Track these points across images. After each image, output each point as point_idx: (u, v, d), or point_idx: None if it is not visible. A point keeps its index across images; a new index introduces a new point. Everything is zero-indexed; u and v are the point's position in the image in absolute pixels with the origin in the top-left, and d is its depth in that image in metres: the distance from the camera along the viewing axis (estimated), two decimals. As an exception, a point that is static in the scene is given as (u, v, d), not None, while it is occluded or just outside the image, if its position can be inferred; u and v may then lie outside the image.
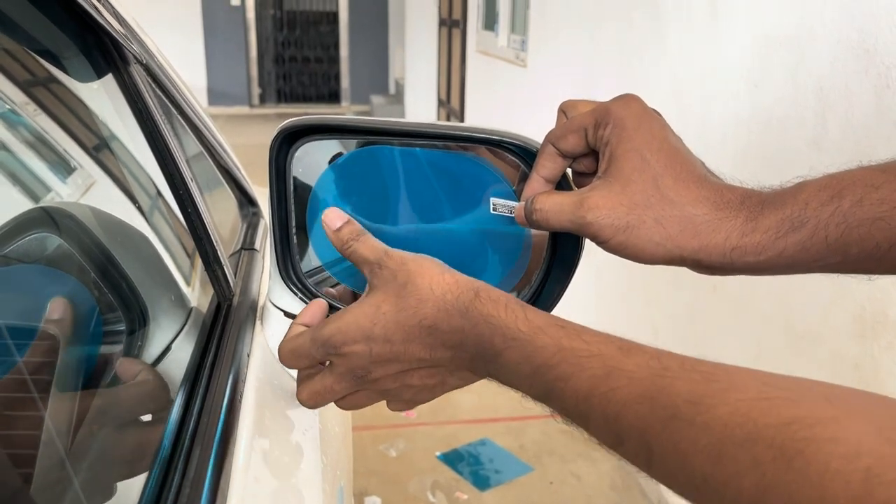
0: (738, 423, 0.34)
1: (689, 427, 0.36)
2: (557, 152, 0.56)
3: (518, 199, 0.58)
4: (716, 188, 0.53)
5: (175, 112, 0.99)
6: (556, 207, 0.54)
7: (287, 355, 0.56)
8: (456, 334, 0.48)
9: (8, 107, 0.77)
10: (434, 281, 0.50)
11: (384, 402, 0.56)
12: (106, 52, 0.71)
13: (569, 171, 0.58)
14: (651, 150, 0.53)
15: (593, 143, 0.55)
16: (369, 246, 0.55)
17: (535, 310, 0.47)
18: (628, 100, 0.55)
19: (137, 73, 0.74)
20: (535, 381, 0.45)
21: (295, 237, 0.64)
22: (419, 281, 0.50)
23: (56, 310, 0.60)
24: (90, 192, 0.84)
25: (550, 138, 0.57)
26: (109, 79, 0.74)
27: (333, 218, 0.57)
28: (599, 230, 0.53)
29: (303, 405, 0.56)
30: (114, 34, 0.68)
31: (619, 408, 0.40)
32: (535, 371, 0.44)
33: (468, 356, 0.48)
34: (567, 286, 0.61)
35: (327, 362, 0.54)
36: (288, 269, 0.65)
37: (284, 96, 9.78)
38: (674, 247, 0.52)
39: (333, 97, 9.80)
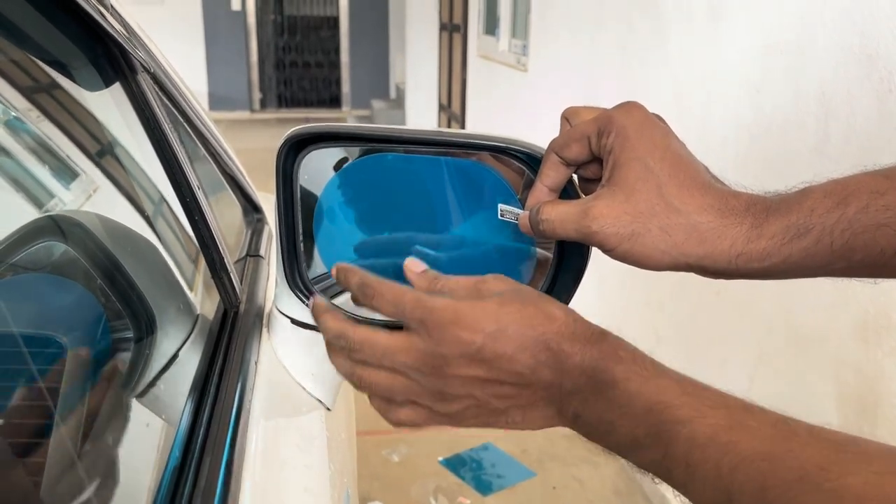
0: (870, 495, 0.33)
1: (816, 492, 0.35)
2: (561, 161, 0.56)
3: (522, 207, 0.59)
4: (720, 195, 0.53)
5: (181, 119, 0.99)
6: (562, 217, 0.54)
7: (376, 284, 0.52)
8: (571, 358, 0.47)
9: (14, 114, 0.77)
10: (558, 306, 0.49)
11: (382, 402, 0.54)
12: (114, 60, 0.72)
13: (574, 176, 0.58)
14: (654, 159, 0.53)
15: (597, 151, 0.55)
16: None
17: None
18: (630, 107, 0.55)
19: (144, 81, 0.75)
20: (646, 421, 0.43)
21: (301, 244, 0.65)
22: (545, 302, 0.49)
23: None
24: (97, 200, 0.85)
25: (554, 147, 0.57)
26: (117, 87, 0.74)
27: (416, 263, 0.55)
28: (605, 239, 0.53)
29: (337, 369, 0.54)
30: (122, 43, 0.69)
31: (738, 461, 0.39)
32: (651, 409, 0.43)
33: (570, 386, 0.47)
34: (573, 294, 0.62)
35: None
36: (294, 276, 0.66)
37: (285, 101, 9.78)
38: (679, 254, 0.52)
39: (334, 102, 9.80)
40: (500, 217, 0.59)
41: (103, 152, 0.88)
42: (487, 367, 0.48)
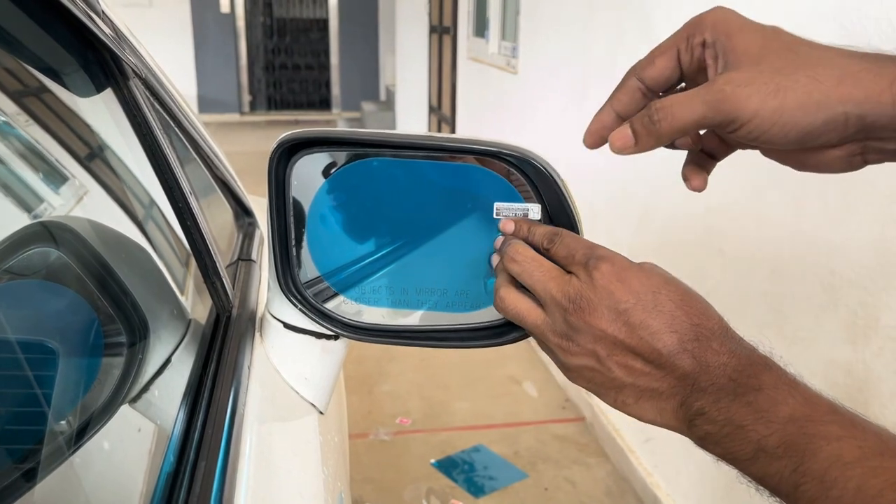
0: None
1: None
2: (640, 86, 0.51)
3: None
4: (854, 49, 0.46)
5: (172, 123, 0.99)
6: (681, 99, 0.47)
7: (567, 236, 0.51)
8: (719, 356, 0.45)
9: (2, 119, 0.77)
10: (715, 310, 0.48)
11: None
12: (105, 66, 0.72)
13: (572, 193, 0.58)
14: (770, 30, 0.48)
15: (688, 59, 0.50)
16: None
17: None
18: (717, 7, 0.50)
19: (136, 86, 0.75)
20: (785, 430, 0.42)
21: (294, 248, 0.65)
22: (705, 301, 0.48)
23: None
24: (87, 204, 0.84)
25: (635, 69, 0.52)
26: (108, 92, 0.74)
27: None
28: (746, 100, 0.45)
29: (499, 298, 0.54)
30: (113, 49, 0.69)
31: (885, 487, 0.38)
32: (794, 419, 0.42)
33: (706, 382, 0.45)
34: None
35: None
36: (287, 280, 0.66)
37: (275, 103, 9.77)
38: (836, 101, 0.44)
39: (324, 104, 9.79)
40: (495, 216, 0.60)
41: (94, 157, 0.88)
42: (628, 331, 0.46)
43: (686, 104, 0.47)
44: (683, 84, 0.53)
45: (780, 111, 0.45)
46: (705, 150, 0.56)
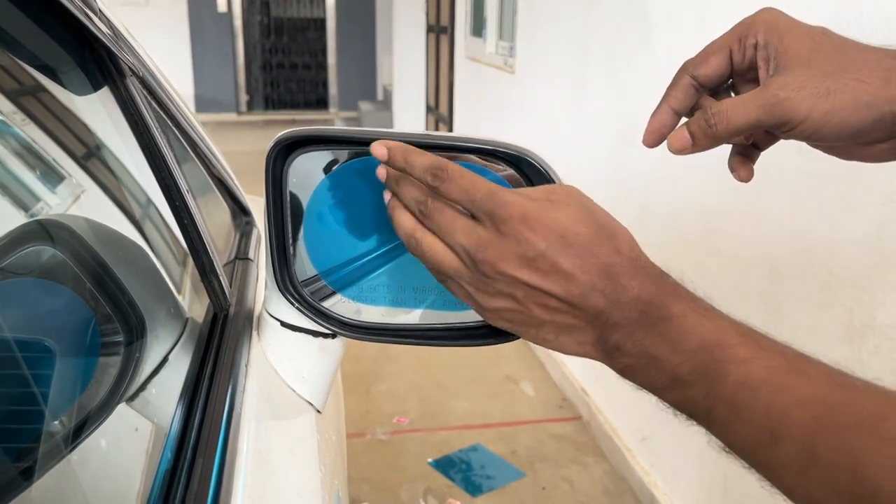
0: None
1: (871, 438, 0.36)
2: (693, 82, 0.54)
3: None
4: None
5: (169, 122, 0.99)
6: (735, 103, 0.50)
7: (451, 168, 0.49)
8: (629, 291, 0.45)
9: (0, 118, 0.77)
10: (625, 237, 0.47)
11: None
12: (102, 64, 0.72)
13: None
14: (817, 33, 0.50)
15: (739, 59, 0.52)
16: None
17: None
18: (764, 9, 0.53)
19: (133, 84, 0.75)
20: (694, 357, 0.43)
21: (291, 247, 0.65)
22: (614, 229, 0.47)
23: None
24: (84, 203, 0.84)
25: (687, 66, 0.54)
26: (105, 91, 0.74)
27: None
28: (798, 104, 0.47)
29: (398, 224, 0.52)
30: (110, 47, 0.69)
31: (791, 403, 0.39)
32: (704, 346, 0.43)
33: (618, 317, 0.45)
34: None
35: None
36: (284, 279, 0.66)
37: (272, 103, 9.76)
38: (884, 101, 0.47)
39: (321, 104, 9.79)
40: None
41: (91, 156, 0.88)
42: (539, 276, 0.46)
43: (741, 108, 0.49)
44: (731, 80, 0.55)
45: (832, 113, 0.47)
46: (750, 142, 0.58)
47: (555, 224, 0.46)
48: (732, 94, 0.58)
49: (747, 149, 0.58)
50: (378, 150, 0.53)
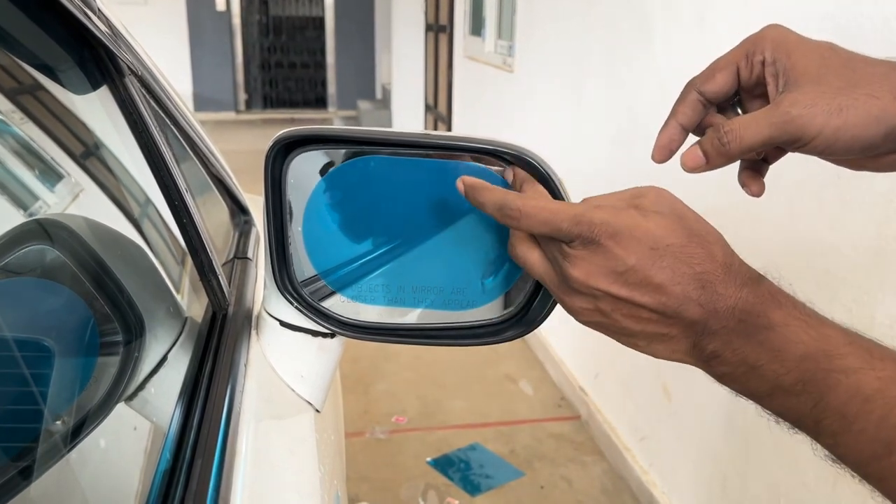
0: None
1: None
2: (699, 98, 0.54)
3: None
4: None
5: (168, 121, 0.99)
6: (747, 121, 0.50)
7: (528, 209, 0.49)
8: (726, 300, 0.44)
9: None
10: (719, 242, 0.47)
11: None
12: (101, 63, 0.72)
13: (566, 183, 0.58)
14: (824, 48, 0.50)
15: (747, 75, 0.53)
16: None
17: None
18: (770, 25, 0.53)
19: (132, 83, 0.75)
20: (799, 367, 0.42)
21: (290, 246, 0.65)
22: (707, 235, 0.47)
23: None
24: (83, 202, 0.84)
25: (694, 83, 0.54)
26: (104, 90, 0.74)
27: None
28: (810, 121, 0.48)
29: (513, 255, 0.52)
30: (109, 46, 0.69)
31: None
32: (809, 356, 0.42)
33: (716, 326, 0.45)
34: None
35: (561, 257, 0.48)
36: (283, 278, 0.66)
37: (271, 102, 9.75)
38: (893, 116, 0.48)
39: (320, 103, 9.78)
40: None
41: (90, 155, 0.88)
42: (629, 291, 0.46)
43: (753, 126, 0.50)
44: (738, 97, 0.55)
45: (843, 129, 0.48)
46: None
47: (644, 236, 0.46)
48: (739, 110, 0.58)
49: (756, 163, 0.58)
50: (458, 185, 0.54)
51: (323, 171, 0.62)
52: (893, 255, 1.29)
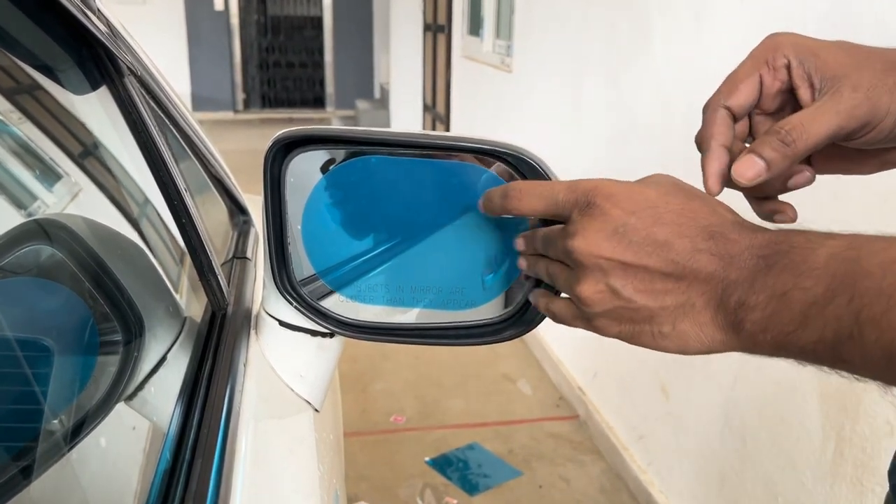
0: None
1: None
2: (728, 114, 0.53)
3: None
4: None
5: (167, 121, 0.99)
6: (811, 113, 0.48)
7: (528, 187, 0.49)
8: (738, 243, 0.42)
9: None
10: (724, 205, 0.45)
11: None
12: (100, 63, 0.72)
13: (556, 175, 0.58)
14: (843, 43, 0.51)
15: (770, 82, 0.52)
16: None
17: None
18: (779, 33, 0.53)
19: (131, 83, 0.75)
20: (828, 270, 0.38)
21: (289, 246, 0.65)
22: (710, 198, 0.46)
23: None
24: (82, 202, 0.84)
25: (718, 100, 0.53)
26: (103, 90, 0.74)
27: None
28: (877, 101, 0.48)
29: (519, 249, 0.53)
30: (108, 46, 0.69)
31: None
32: (834, 255, 0.39)
33: (736, 274, 0.41)
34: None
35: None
36: (283, 278, 0.66)
37: (269, 101, 9.75)
38: None
39: (318, 102, 9.78)
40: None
41: (89, 154, 0.88)
42: (634, 251, 0.43)
43: (818, 118, 0.48)
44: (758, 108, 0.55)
45: None
46: (758, 195, 0.57)
47: (643, 199, 0.44)
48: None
49: (760, 200, 0.56)
50: (479, 206, 0.56)
51: (324, 168, 0.62)
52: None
